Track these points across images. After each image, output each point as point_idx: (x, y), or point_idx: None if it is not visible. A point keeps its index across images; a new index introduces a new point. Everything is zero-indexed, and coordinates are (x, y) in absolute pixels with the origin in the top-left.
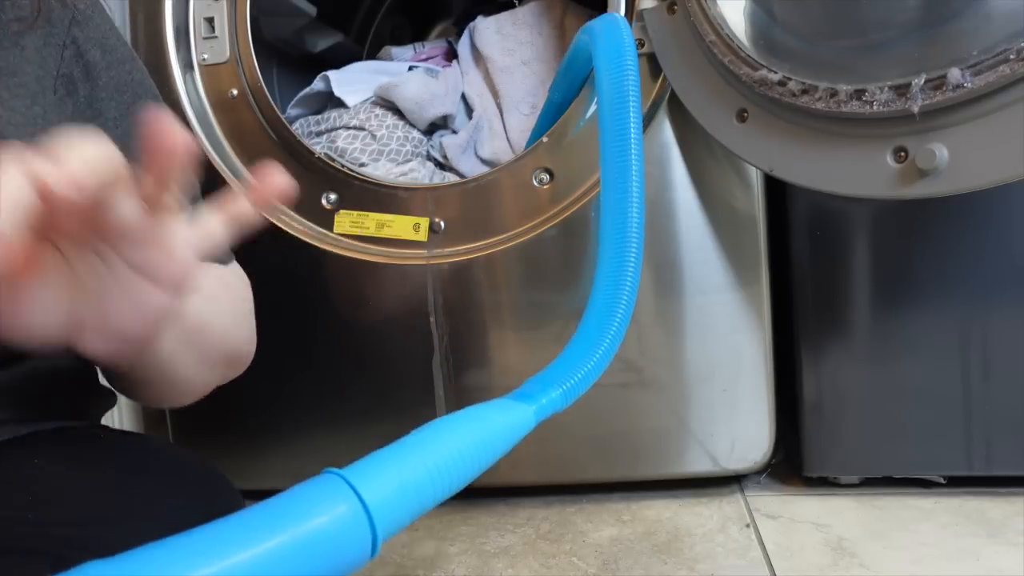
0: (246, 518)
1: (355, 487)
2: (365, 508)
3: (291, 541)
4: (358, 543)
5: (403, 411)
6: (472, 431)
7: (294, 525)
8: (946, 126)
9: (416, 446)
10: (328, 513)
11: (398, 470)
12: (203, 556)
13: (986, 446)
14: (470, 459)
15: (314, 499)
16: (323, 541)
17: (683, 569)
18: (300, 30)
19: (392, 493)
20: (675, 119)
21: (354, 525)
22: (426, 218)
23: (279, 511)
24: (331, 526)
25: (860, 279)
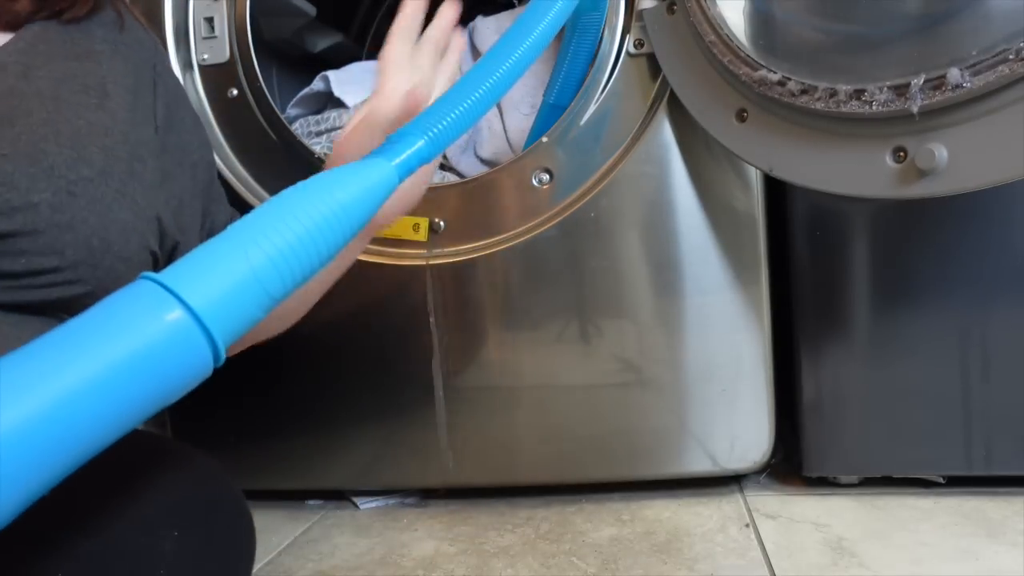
0: (59, 339)
1: (176, 293)
2: (194, 315)
3: (112, 366)
4: (194, 352)
5: (403, 411)
6: (320, 200)
7: (112, 345)
8: (945, 126)
9: (249, 229)
10: (149, 329)
11: (226, 262)
12: (19, 388)
13: (986, 446)
14: (321, 233)
15: (131, 313)
16: (153, 361)
17: (682, 569)
18: (300, 30)
19: (221, 290)
20: (675, 119)
21: (183, 337)
22: (426, 218)
23: (94, 328)
24: (158, 344)
25: (860, 279)
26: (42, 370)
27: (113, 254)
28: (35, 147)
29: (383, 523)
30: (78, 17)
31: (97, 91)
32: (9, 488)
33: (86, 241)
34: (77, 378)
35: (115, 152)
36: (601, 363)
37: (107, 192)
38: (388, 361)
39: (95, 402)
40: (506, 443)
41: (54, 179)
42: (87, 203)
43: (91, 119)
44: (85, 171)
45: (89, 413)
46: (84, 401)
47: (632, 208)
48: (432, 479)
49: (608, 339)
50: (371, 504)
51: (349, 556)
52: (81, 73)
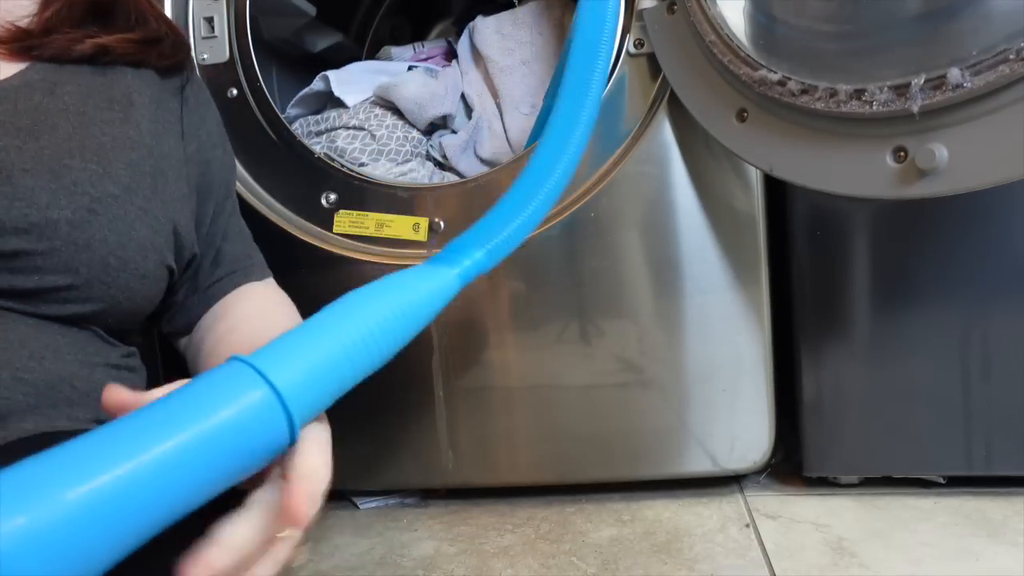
0: (151, 414)
1: (263, 373)
2: (277, 393)
3: (201, 435)
4: (273, 430)
5: (402, 412)
6: (390, 301)
7: (203, 418)
8: (946, 126)
9: (327, 323)
10: (238, 402)
11: (307, 350)
12: (112, 456)
13: (986, 446)
14: (389, 331)
15: (222, 389)
16: (236, 432)
17: (683, 569)
18: (300, 30)
19: (303, 374)
20: (675, 119)
21: (267, 412)
22: (426, 218)
23: (185, 404)
24: (242, 415)
25: (860, 279)
26: (138, 435)
27: (129, 272)
28: (59, 162)
29: (383, 523)
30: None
31: (122, 103)
32: (106, 541)
33: (103, 260)
34: (169, 444)
35: (140, 167)
36: (601, 363)
37: (130, 210)
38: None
39: (183, 469)
40: (506, 443)
41: (76, 196)
42: (108, 221)
43: (116, 133)
44: (110, 187)
45: (177, 480)
46: (174, 467)
47: (632, 208)
48: (432, 479)
49: (608, 339)
50: (371, 504)
51: (349, 556)
52: (107, 86)
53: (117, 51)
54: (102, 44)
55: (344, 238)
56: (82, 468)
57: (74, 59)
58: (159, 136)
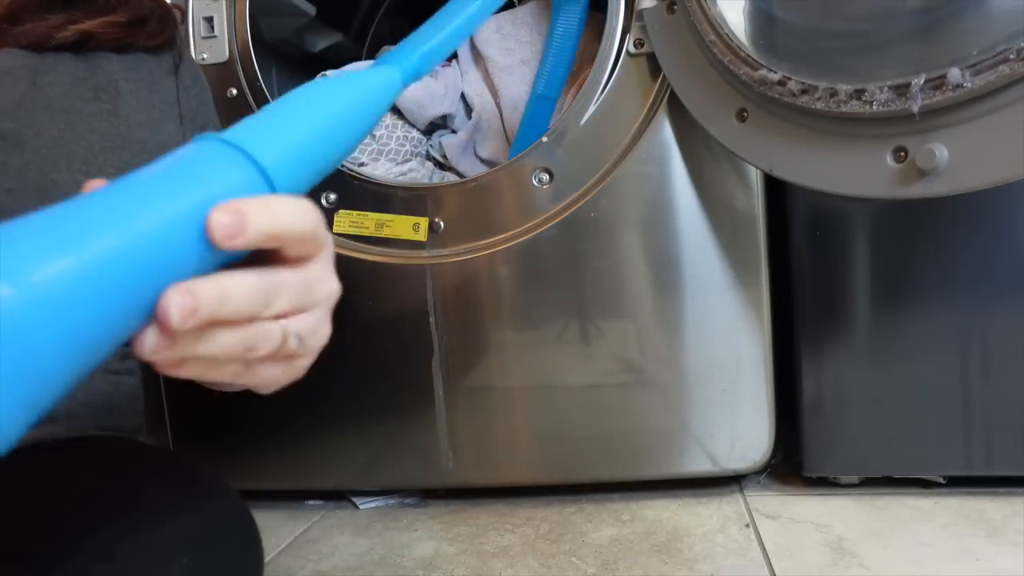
0: (132, 185)
1: (246, 151)
2: (263, 173)
3: (190, 207)
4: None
5: (403, 411)
6: (346, 93)
7: (191, 189)
8: (946, 126)
9: (295, 107)
10: (224, 181)
11: (285, 130)
12: (105, 215)
13: (986, 446)
14: (351, 120)
15: (205, 164)
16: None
17: (683, 569)
18: (299, 30)
19: (285, 154)
20: (675, 119)
21: (253, 187)
22: (425, 218)
23: (168, 179)
24: (230, 192)
25: (860, 279)
26: (120, 206)
27: None
28: (44, 177)
29: (383, 523)
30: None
31: (109, 92)
32: (99, 301)
33: None
34: (154, 213)
35: (132, 166)
36: (601, 363)
37: None
38: (388, 361)
39: (167, 237)
40: (506, 443)
41: None
42: None
43: (105, 130)
44: None
45: (161, 248)
46: (157, 234)
47: (632, 208)
48: (432, 479)
49: (608, 339)
50: (371, 504)
51: (349, 556)
52: (91, 73)
53: (102, 37)
54: (85, 30)
55: (344, 238)
56: (71, 231)
57: (54, 47)
58: (153, 127)
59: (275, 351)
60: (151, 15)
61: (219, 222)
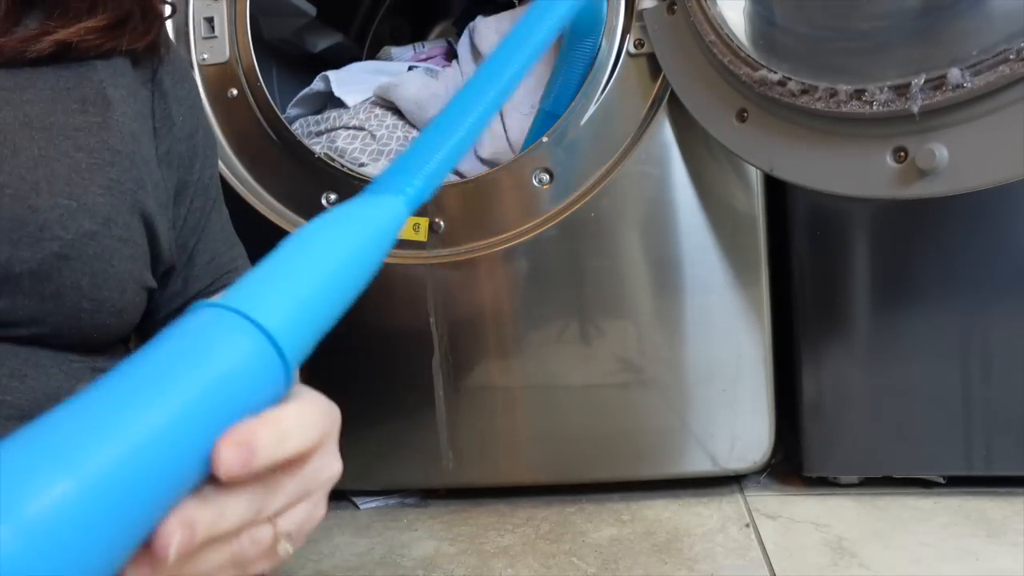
0: (137, 371)
1: (251, 317)
2: (270, 338)
3: (198, 395)
4: (272, 378)
5: (403, 411)
6: (352, 232)
7: (196, 372)
8: (946, 126)
9: (297, 258)
10: (234, 351)
11: (290, 287)
12: (105, 423)
13: (986, 446)
14: (358, 263)
15: (209, 337)
16: (236, 384)
17: (683, 569)
18: (300, 30)
19: (292, 314)
20: (675, 119)
21: (264, 359)
22: (426, 218)
23: (172, 359)
24: (241, 365)
25: (860, 279)
26: (121, 410)
27: (105, 311)
28: (22, 204)
29: (383, 523)
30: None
31: (97, 103)
32: (102, 528)
33: (74, 306)
34: (160, 414)
35: (121, 186)
36: (601, 363)
37: (109, 244)
38: (388, 361)
39: (176, 441)
40: (506, 443)
41: (43, 242)
42: (83, 264)
43: (93, 145)
44: (86, 224)
45: (170, 453)
46: (166, 440)
47: (633, 208)
48: (432, 479)
49: (608, 339)
50: (371, 504)
51: (349, 556)
52: (76, 83)
53: (82, 45)
54: (62, 40)
55: None
56: (68, 450)
57: (30, 62)
58: (139, 138)
59: (263, 554)
60: (132, 13)
61: (226, 457)
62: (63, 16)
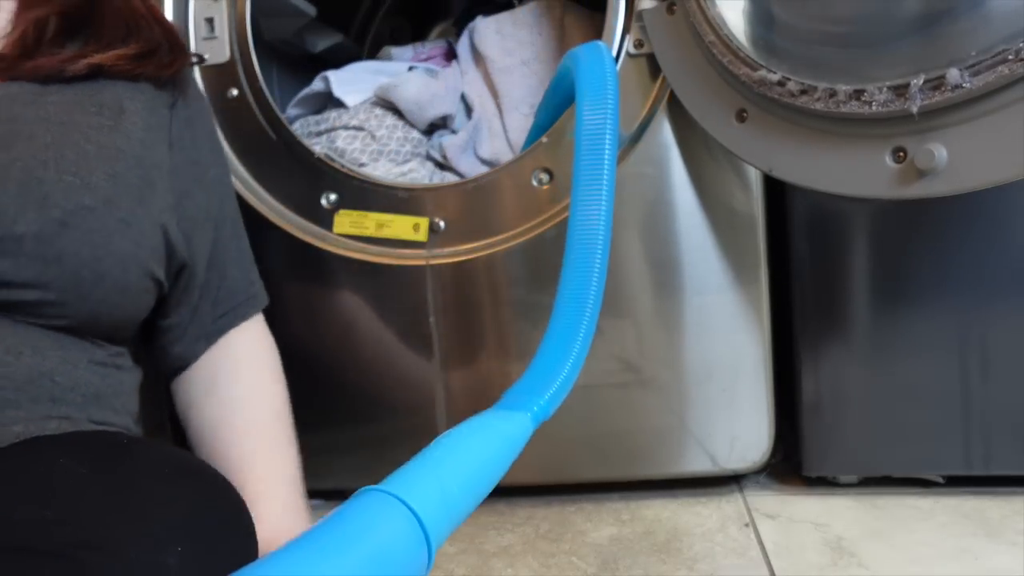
0: (313, 545)
1: (408, 504)
2: (420, 523)
3: (364, 563)
4: (417, 557)
5: (402, 412)
6: (487, 441)
7: (363, 546)
8: (945, 126)
9: (446, 458)
10: (391, 532)
11: (439, 483)
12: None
13: (985, 446)
14: (490, 468)
15: (373, 518)
16: (390, 560)
17: (682, 568)
18: (300, 30)
19: (438, 506)
20: (674, 119)
21: (413, 541)
22: (426, 218)
23: (343, 534)
24: (395, 544)
25: (859, 279)
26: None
27: (108, 286)
28: (29, 174)
29: None
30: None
31: (113, 109)
32: None
33: (74, 274)
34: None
35: (125, 178)
36: (601, 363)
37: (109, 222)
38: (387, 362)
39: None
40: None
41: (46, 209)
42: (82, 234)
43: (103, 141)
44: (87, 199)
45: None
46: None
47: (632, 208)
48: None
49: (608, 339)
50: None
51: None
52: (97, 91)
53: (113, 69)
54: (96, 63)
55: (344, 238)
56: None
57: (66, 79)
58: (151, 145)
59: None
60: (160, 47)
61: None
62: (99, 42)
